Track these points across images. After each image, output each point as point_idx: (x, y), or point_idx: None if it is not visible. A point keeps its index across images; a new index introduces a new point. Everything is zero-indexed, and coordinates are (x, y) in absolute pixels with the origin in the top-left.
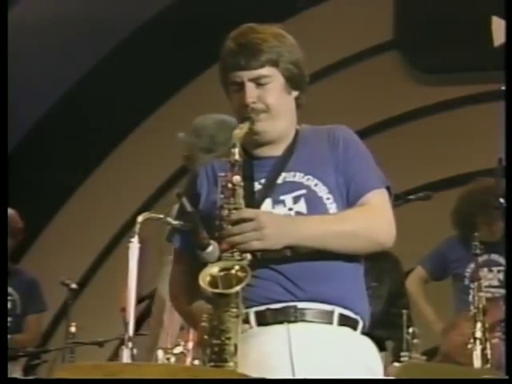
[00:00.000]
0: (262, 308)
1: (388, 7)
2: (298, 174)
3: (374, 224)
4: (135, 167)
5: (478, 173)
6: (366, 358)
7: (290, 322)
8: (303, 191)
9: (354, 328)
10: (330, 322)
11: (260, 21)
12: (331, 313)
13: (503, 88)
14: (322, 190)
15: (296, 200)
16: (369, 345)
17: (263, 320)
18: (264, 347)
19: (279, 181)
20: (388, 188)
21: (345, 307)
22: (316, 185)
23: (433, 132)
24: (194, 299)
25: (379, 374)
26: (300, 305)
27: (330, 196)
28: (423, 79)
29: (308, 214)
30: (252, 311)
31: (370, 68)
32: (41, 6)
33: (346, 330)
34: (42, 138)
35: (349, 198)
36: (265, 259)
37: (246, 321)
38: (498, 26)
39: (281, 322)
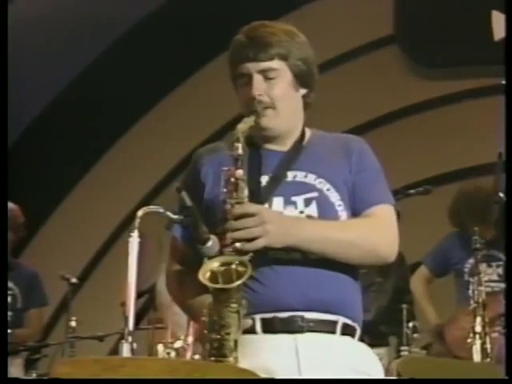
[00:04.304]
0: (269, 316)
1: (388, 2)
2: (309, 175)
3: (377, 237)
4: (135, 162)
5: (478, 167)
6: (369, 366)
7: (297, 332)
8: (315, 194)
9: (353, 336)
10: (334, 332)
11: (258, 16)
12: (335, 323)
13: (503, 82)
14: (334, 196)
15: (307, 203)
16: (369, 352)
17: (270, 328)
18: (270, 355)
19: (289, 178)
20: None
21: (346, 316)
22: (328, 189)
23: (433, 126)
24: (193, 290)
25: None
26: (307, 315)
27: (341, 203)
28: (423, 73)
29: (319, 218)
30: (258, 318)
31: (371, 62)
32: (38, 4)
33: (348, 338)
34: (41, 133)
35: (355, 208)
36: (272, 266)
37: (252, 328)
38: (498, 20)
39: (288, 332)
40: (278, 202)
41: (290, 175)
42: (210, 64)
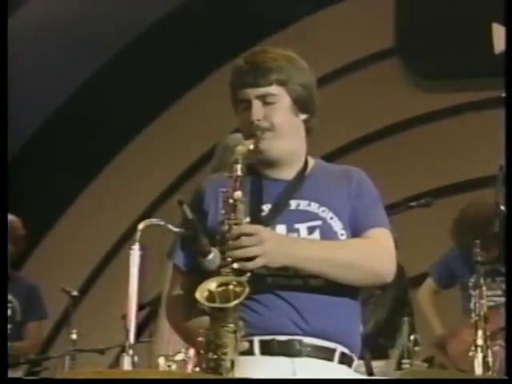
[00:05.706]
0: (268, 338)
1: (388, 14)
2: (312, 203)
3: (375, 256)
4: (136, 174)
5: (479, 180)
6: None
7: (294, 355)
8: (318, 222)
9: (350, 366)
10: (331, 359)
11: (260, 30)
12: (333, 350)
13: (503, 95)
14: (337, 225)
15: (311, 231)
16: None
17: (268, 350)
18: (267, 375)
19: (292, 207)
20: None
21: (345, 345)
22: (332, 218)
23: (434, 139)
24: (192, 316)
25: None
26: (305, 340)
27: (344, 232)
28: (424, 86)
29: None
30: (256, 339)
31: (371, 75)
32: (45, 8)
33: (344, 368)
34: (42, 144)
35: (354, 232)
36: (273, 289)
37: (250, 349)
38: (499, 32)
39: (285, 355)
40: (280, 230)
41: (293, 204)
42: (214, 74)
